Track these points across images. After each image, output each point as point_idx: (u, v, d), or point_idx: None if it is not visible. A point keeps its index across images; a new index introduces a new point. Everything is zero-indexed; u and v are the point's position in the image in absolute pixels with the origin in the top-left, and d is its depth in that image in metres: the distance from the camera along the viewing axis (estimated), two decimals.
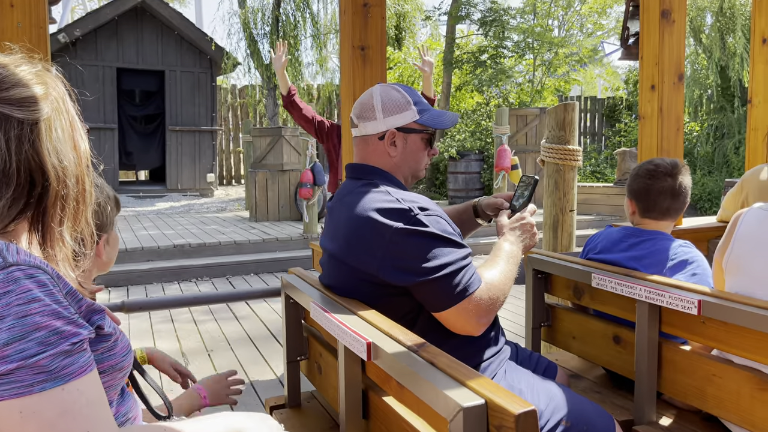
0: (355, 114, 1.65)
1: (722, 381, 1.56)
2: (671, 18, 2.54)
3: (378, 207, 1.47)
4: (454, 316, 1.43)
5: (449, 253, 1.44)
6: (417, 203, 1.49)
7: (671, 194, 1.95)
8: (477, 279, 1.45)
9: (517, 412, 0.88)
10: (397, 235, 1.42)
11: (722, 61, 13.03)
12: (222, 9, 35.95)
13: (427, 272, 1.41)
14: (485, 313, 1.45)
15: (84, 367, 0.80)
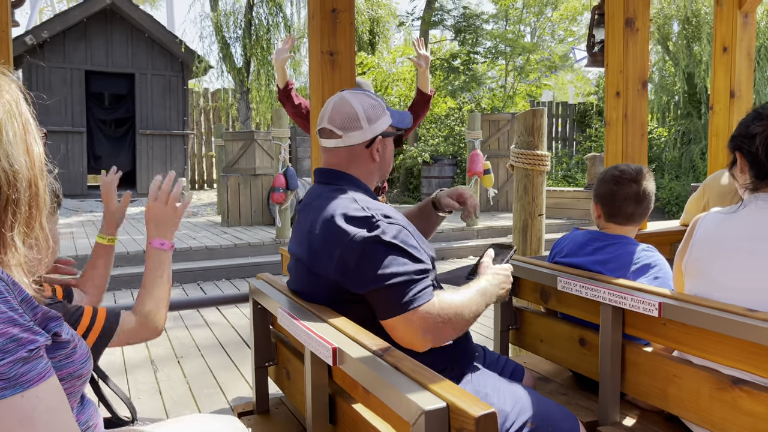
0: (336, 125, 1.63)
1: (682, 381, 1.60)
2: (635, 26, 2.60)
3: (342, 213, 1.47)
4: (398, 326, 1.41)
5: (403, 264, 1.43)
6: (382, 211, 1.49)
7: (635, 200, 1.99)
8: (428, 294, 1.43)
9: (477, 415, 0.89)
10: (356, 242, 1.43)
11: (689, 68, 13.35)
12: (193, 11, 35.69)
13: (378, 279, 1.41)
14: (431, 329, 1.40)
15: (42, 373, 0.79)
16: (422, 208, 2.05)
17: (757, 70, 12.90)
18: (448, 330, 1.44)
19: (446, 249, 8.18)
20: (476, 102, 14.31)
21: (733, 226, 1.57)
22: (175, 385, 3.52)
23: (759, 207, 1.53)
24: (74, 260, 1.69)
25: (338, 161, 1.65)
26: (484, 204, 10.78)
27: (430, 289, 1.45)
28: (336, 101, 1.64)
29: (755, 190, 1.55)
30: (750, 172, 1.56)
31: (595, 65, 3.00)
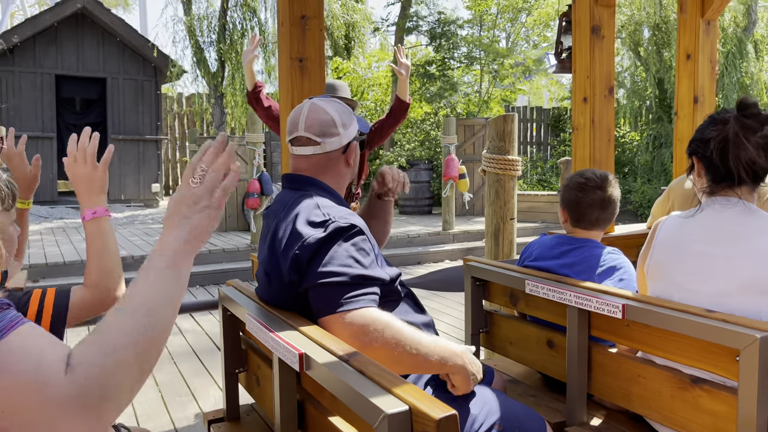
0: (314, 133, 1.63)
1: (646, 381, 1.64)
2: (601, 33, 2.65)
3: (305, 218, 1.49)
4: (328, 327, 1.37)
5: (347, 266, 1.41)
6: (342, 216, 1.50)
7: (600, 206, 2.03)
8: (366, 301, 1.38)
9: (438, 417, 0.90)
10: (310, 244, 1.44)
11: (659, 74, 13.61)
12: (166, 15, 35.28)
13: (318, 277, 1.41)
14: (358, 335, 1.33)
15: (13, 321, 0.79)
16: (369, 201, 2.05)
17: (726, 75, 13.21)
18: (379, 346, 1.33)
19: (422, 253, 8.21)
20: (451, 107, 14.41)
21: (691, 229, 1.61)
22: (147, 393, 3.48)
23: (715, 210, 1.57)
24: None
25: (310, 167, 1.65)
26: (460, 208, 10.85)
27: (370, 297, 1.40)
28: (309, 108, 1.65)
29: (712, 194, 1.60)
30: (706, 176, 1.60)
31: (563, 71, 3.05)
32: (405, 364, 1.37)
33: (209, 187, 0.92)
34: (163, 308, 0.84)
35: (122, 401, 0.77)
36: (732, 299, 1.49)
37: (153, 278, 0.86)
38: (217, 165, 0.93)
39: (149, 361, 0.81)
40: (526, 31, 17.41)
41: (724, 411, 1.43)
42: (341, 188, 1.70)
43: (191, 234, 0.90)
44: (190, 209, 0.91)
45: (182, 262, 0.89)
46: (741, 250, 1.49)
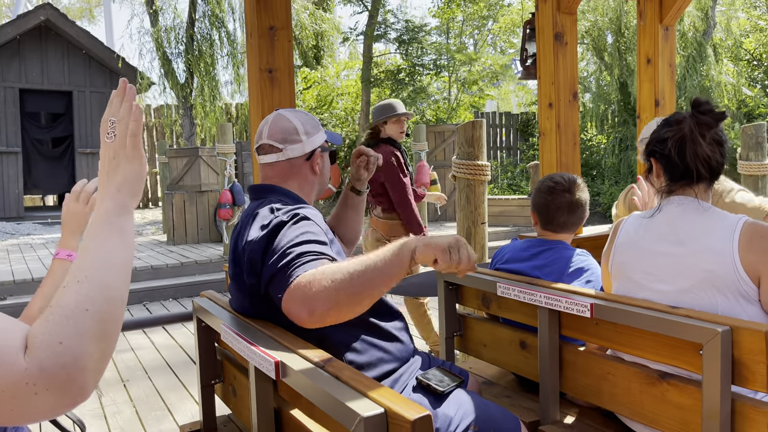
0: (275, 139, 1.68)
1: (615, 378, 1.68)
2: (564, 40, 2.72)
3: (258, 225, 1.53)
4: (285, 307, 1.33)
5: (291, 247, 1.39)
6: (287, 211, 1.52)
7: (569, 209, 2.08)
8: (311, 266, 1.34)
9: (413, 418, 0.92)
10: (257, 245, 1.48)
11: (622, 78, 13.92)
12: (132, 27, 34.86)
13: (268, 270, 1.41)
14: (308, 298, 1.27)
15: None
16: (344, 199, 2.06)
17: (687, 79, 13.56)
18: (330, 290, 1.25)
19: None
20: (421, 114, 14.52)
21: (650, 229, 1.67)
22: (122, 409, 3.43)
23: (672, 210, 1.63)
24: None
25: (276, 175, 1.69)
26: (433, 214, 10.91)
27: (315, 263, 1.35)
28: (273, 118, 1.70)
29: (670, 193, 1.66)
30: (665, 176, 1.66)
31: (528, 78, 3.12)
32: (366, 289, 1.25)
33: (121, 138, 0.90)
34: (112, 269, 0.81)
35: (90, 371, 0.74)
36: (689, 296, 1.55)
37: (96, 243, 0.83)
38: (122, 114, 0.91)
39: (109, 325, 0.78)
40: (493, 37, 17.65)
41: (690, 404, 1.48)
42: (308, 195, 1.73)
43: (120, 189, 0.88)
44: (111, 165, 0.90)
45: (121, 219, 0.87)
46: (695, 248, 1.54)
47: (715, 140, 1.59)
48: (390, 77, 13.73)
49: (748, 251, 1.47)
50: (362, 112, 13.75)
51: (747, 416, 1.39)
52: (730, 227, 1.51)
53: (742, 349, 1.38)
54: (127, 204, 0.88)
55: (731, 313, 1.49)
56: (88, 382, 0.74)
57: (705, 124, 1.57)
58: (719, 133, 1.59)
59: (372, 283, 1.24)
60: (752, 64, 16.68)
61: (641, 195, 2.36)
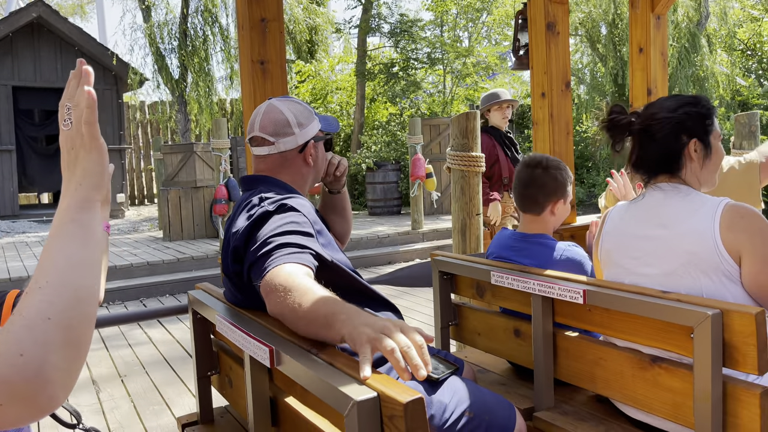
0: (267, 132, 1.67)
1: (608, 363, 1.70)
2: (556, 30, 2.73)
3: (245, 215, 1.53)
4: (262, 292, 1.33)
5: (274, 237, 1.39)
6: (274, 201, 1.52)
7: (539, 184, 2.06)
8: (291, 258, 1.33)
9: (406, 401, 0.93)
10: (241, 233, 1.49)
11: (615, 69, 13.93)
12: (124, 23, 34.63)
13: (249, 257, 1.42)
14: (272, 292, 1.28)
15: None
16: (322, 196, 2.03)
17: (680, 69, 13.58)
18: (278, 303, 1.25)
19: (393, 253, 8.26)
20: (416, 107, 14.51)
21: (635, 215, 1.69)
22: (119, 405, 3.44)
23: (655, 196, 1.66)
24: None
25: (269, 167, 1.69)
26: (429, 207, 10.93)
27: (292, 255, 1.35)
28: (265, 109, 1.68)
29: (650, 182, 1.68)
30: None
31: (521, 68, 3.12)
32: (302, 326, 1.23)
33: (77, 125, 0.83)
34: (77, 270, 0.76)
35: (56, 381, 0.69)
36: (675, 279, 1.56)
37: (58, 243, 0.77)
38: (77, 99, 0.83)
39: (77, 331, 0.73)
40: (488, 30, 17.62)
41: (682, 387, 1.49)
42: (301, 186, 1.72)
43: (82, 183, 0.81)
44: (69, 156, 0.83)
45: (84, 215, 0.80)
46: (678, 230, 1.56)
47: (644, 140, 1.64)
48: (384, 71, 13.71)
49: (729, 231, 1.48)
50: (357, 106, 13.74)
51: (738, 398, 1.41)
52: (712, 209, 1.53)
53: (733, 332, 1.39)
54: (91, 198, 0.81)
55: (716, 294, 1.51)
56: (56, 392, 0.70)
57: (613, 137, 1.68)
58: (646, 132, 1.64)
59: (307, 328, 1.22)
60: (746, 54, 16.71)
61: (617, 186, 2.39)
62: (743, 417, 1.40)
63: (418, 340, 1.03)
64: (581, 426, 1.75)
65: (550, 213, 2.09)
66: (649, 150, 1.65)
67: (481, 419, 1.58)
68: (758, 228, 1.48)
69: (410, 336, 1.03)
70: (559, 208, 2.08)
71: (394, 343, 1.01)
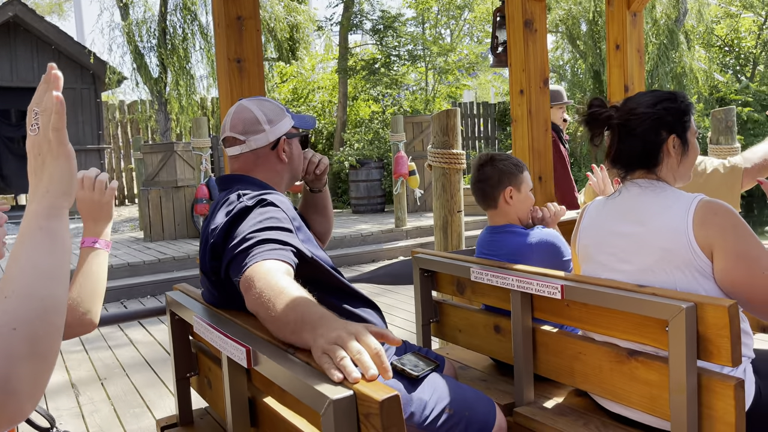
0: (237, 131, 1.67)
1: (586, 358, 1.71)
2: (533, 27, 2.74)
3: (223, 212, 1.52)
4: (241, 288, 1.32)
5: (253, 233, 1.39)
6: (253, 197, 1.52)
7: (478, 180, 2.13)
8: (272, 254, 1.33)
9: (381, 399, 0.93)
10: (219, 229, 1.49)
11: (596, 66, 14.05)
12: (102, 21, 34.19)
13: (228, 253, 1.42)
14: (247, 288, 1.28)
15: None
16: (305, 198, 2.02)
17: (660, 66, 13.73)
18: (261, 306, 1.24)
19: (376, 251, 8.25)
20: (398, 105, 14.51)
21: (611, 212, 1.70)
22: (99, 408, 3.41)
23: (630, 192, 1.67)
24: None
25: (243, 166, 1.68)
26: (412, 205, 10.94)
27: (274, 253, 1.34)
28: (235, 109, 1.69)
29: (626, 178, 1.70)
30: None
31: (499, 65, 3.13)
32: (271, 323, 1.23)
33: (44, 131, 0.81)
34: (44, 278, 0.74)
35: (23, 393, 0.68)
36: (650, 274, 1.58)
37: (24, 251, 0.75)
38: (45, 104, 0.81)
39: (43, 341, 0.71)
40: (469, 27, 17.67)
41: (658, 380, 1.51)
42: (278, 184, 1.72)
43: (49, 190, 0.80)
44: (36, 162, 0.82)
45: (51, 222, 0.78)
46: (653, 227, 1.58)
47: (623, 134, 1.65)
48: (366, 68, 13.68)
49: (702, 227, 1.50)
50: (340, 104, 13.71)
51: (713, 390, 1.43)
52: (686, 205, 1.54)
53: (707, 325, 1.41)
54: (58, 204, 0.80)
55: (689, 290, 1.53)
56: (23, 404, 0.68)
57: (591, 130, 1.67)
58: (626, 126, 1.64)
59: (278, 331, 1.22)
60: (724, 50, 16.95)
61: (596, 181, 2.42)
62: (718, 408, 1.42)
63: (373, 345, 1.03)
64: (560, 420, 1.76)
65: (504, 203, 2.12)
66: (628, 145, 1.65)
67: (461, 415, 1.59)
68: (730, 224, 1.50)
69: (364, 341, 1.03)
70: (514, 196, 2.11)
71: (345, 353, 1.02)
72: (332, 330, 1.08)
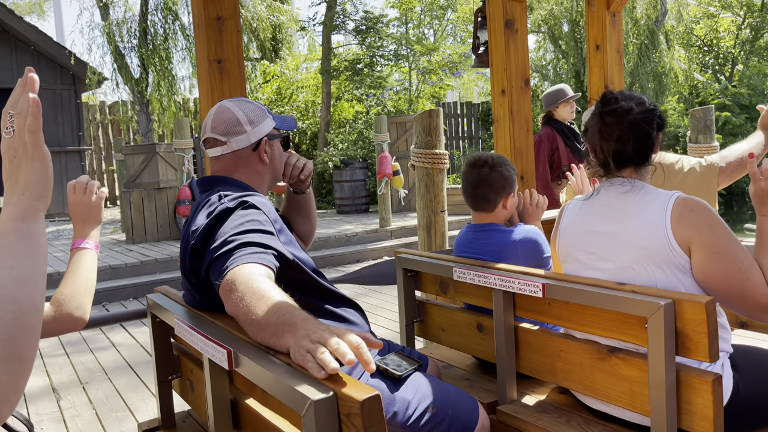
0: (218, 132, 1.66)
1: (568, 355, 1.72)
2: (515, 27, 2.76)
3: (204, 213, 1.51)
4: (220, 292, 1.32)
5: (235, 235, 1.38)
6: (235, 198, 1.51)
7: (487, 183, 2.09)
8: (253, 258, 1.33)
9: (362, 399, 0.93)
10: (200, 230, 1.48)
11: (577, 66, 14.16)
12: (81, 21, 33.75)
13: (209, 255, 1.41)
14: (227, 292, 1.28)
15: None
16: (288, 199, 2.01)
17: (640, 66, 13.87)
18: (241, 310, 1.23)
19: (361, 251, 8.25)
20: (382, 105, 14.51)
21: (590, 210, 1.72)
22: (81, 412, 3.37)
23: (609, 191, 1.69)
24: None
25: (224, 168, 1.67)
26: (396, 205, 10.95)
27: (256, 256, 1.34)
28: (216, 110, 1.68)
29: (603, 176, 1.72)
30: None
31: (481, 65, 3.15)
32: (249, 327, 1.23)
33: (20, 134, 0.81)
34: (20, 282, 0.74)
35: (1, 394, 0.68)
36: (630, 272, 1.60)
37: (0, 255, 0.76)
38: (21, 107, 0.81)
39: (20, 344, 0.71)
40: (453, 27, 17.72)
41: (638, 376, 1.53)
42: (259, 185, 1.71)
43: (25, 192, 0.80)
44: (12, 166, 0.81)
45: (27, 225, 0.78)
46: (632, 225, 1.60)
47: (630, 131, 1.63)
48: (350, 68, 13.67)
49: (679, 224, 1.52)
50: (323, 104, 13.68)
51: (691, 385, 1.45)
52: (664, 203, 1.56)
53: (685, 321, 1.43)
54: (34, 207, 0.80)
55: (669, 286, 1.55)
56: (0, 407, 0.68)
57: (609, 124, 1.63)
58: (635, 124, 1.62)
59: (257, 333, 1.22)
60: (703, 50, 17.17)
61: (575, 180, 2.44)
62: (697, 404, 1.44)
63: (354, 340, 1.05)
64: (543, 418, 1.77)
65: (501, 207, 2.13)
66: (635, 141, 1.63)
67: (445, 414, 1.60)
68: (707, 221, 1.52)
69: (345, 338, 1.05)
70: (510, 201, 2.14)
71: (327, 349, 1.04)
72: (315, 331, 1.09)
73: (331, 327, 1.11)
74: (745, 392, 1.57)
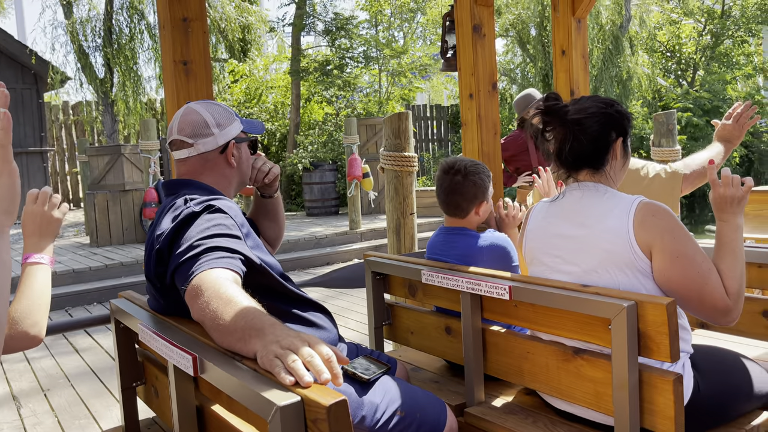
0: (185, 134, 1.64)
1: (534, 357, 1.74)
2: (482, 32, 2.78)
3: (169, 217, 1.49)
4: (186, 297, 1.30)
5: (200, 240, 1.37)
6: (201, 202, 1.50)
7: (459, 191, 2.10)
8: (219, 263, 1.31)
9: (329, 404, 0.93)
10: (165, 234, 1.46)
11: (545, 70, 14.37)
12: (44, 19, 32.97)
13: (174, 260, 1.39)
14: (193, 297, 1.27)
15: None
16: (255, 203, 1.99)
17: (605, 71, 14.14)
18: (208, 315, 1.22)
19: (331, 254, 8.22)
20: (352, 107, 14.50)
21: (555, 214, 1.74)
22: (42, 420, 3.28)
23: (575, 194, 1.71)
24: None
25: (190, 170, 1.65)
26: (366, 207, 10.95)
27: (222, 261, 1.33)
28: (183, 112, 1.65)
29: (567, 180, 1.74)
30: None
31: (449, 69, 3.17)
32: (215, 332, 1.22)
33: None
34: None
35: None
36: (594, 276, 1.62)
37: None
38: None
39: None
40: (422, 30, 17.81)
41: (602, 377, 1.55)
42: (226, 188, 1.70)
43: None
44: None
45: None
46: (596, 229, 1.62)
47: (577, 131, 1.65)
48: (319, 69, 13.62)
49: (641, 228, 1.55)
50: (293, 106, 13.60)
51: (654, 385, 1.48)
52: (626, 207, 1.59)
53: (647, 322, 1.46)
54: (3, 224, 0.78)
55: (632, 289, 1.58)
56: None
57: (548, 123, 1.67)
58: (581, 123, 1.65)
59: (223, 339, 1.21)
60: (666, 56, 17.57)
61: (541, 183, 2.48)
62: (659, 403, 1.47)
63: (325, 351, 1.05)
64: (510, 419, 1.79)
65: (474, 214, 2.15)
66: (580, 142, 1.65)
67: (413, 418, 1.60)
68: (668, 225, 1.55)
69: (317, 348, 1.06)
70: (483, 208, 2.15)
71: (297, 356, 1.04)
72: (285, 338, 1.09)
73: (301, 334, 1.11)
74: (705, 391, 1.61)
